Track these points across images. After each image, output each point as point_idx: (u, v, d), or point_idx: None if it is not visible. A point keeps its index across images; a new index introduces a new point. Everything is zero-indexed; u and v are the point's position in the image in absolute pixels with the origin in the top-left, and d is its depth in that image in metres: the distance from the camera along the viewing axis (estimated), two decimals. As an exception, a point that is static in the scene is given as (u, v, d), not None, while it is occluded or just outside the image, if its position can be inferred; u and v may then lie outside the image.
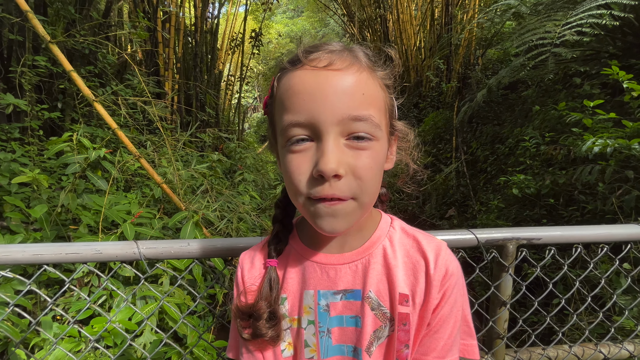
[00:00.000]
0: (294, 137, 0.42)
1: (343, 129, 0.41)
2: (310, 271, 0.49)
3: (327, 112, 0.40)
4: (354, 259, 0.48)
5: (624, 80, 2.22)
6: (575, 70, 3.42)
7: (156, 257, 0.65)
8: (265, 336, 0.47)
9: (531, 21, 3.43)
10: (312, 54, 0.42)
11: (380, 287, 0.47)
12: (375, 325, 0.47)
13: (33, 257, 0.60)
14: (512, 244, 0.75)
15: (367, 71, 0.43)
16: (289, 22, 19.43)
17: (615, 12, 2.66)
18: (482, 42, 5.79)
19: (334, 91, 0.40)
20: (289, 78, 0.43)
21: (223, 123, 6.19)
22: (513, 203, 2.96)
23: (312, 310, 0.49)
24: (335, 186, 0.40)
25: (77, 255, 0.62)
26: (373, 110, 0.42)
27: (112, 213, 1.59)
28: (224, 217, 1.93)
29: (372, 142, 0.42)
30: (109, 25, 3.56)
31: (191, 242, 0.66)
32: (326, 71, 0.41)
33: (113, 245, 0.64)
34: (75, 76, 1.65)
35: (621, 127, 2.23)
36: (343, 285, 0.48)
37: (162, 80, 4.47)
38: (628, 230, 0.78)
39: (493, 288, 0.79)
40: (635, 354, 0.86)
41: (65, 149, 1.74)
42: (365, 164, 0.41)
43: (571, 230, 0.78)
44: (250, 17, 8.43)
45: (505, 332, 0.80)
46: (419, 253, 0.48)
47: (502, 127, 4.07)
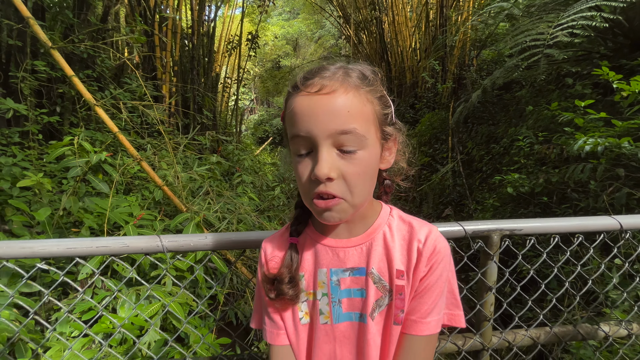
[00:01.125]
0: (296, 146, 0.54)
1: (334, 141, 0.51)
2: (322, 253, 0.60)
3: (319, 128, 0.50)
4: (359, 242, 0.59)
5: (614, 80, 2.28)
6: (567, 71, 3.48)
7: (177, 250, 0.72)
8: (287, 295, 0.58)
9: (524, 23, 3.49)
10: (308, 81, 0.52)
11: (380, 265, 0.58)
12: (377, 295, 0.58)
13: (67, 250, 0.65)
14: (496, 234, 0.83)
15: (353, 90, 0.52)
16: (285, 24, 19.48)
17: (605, 14, 2.72)
18: (476, 43, 5.87)
19: (323, 111, 0.50)
20: (292, 101, 0.54)
21: (220, 125, 6.21)
22: (508, 202, 3.01)
23: (325, 284, 0.60)
24: (329, 186, 0.51)
25: (106, 249, 0.67)
26: (358, 123, 0.51)
27: (115, 215, 1.61)
28: (224, 219, 1.96)
29: (359, 152, 0.52)
30: (106, 29, 3.58)
31: (208, 235, 0.73)
32: (316, 96, 0.51)
33: (138, 239, 0.70)
34: (77, 81, 1.67)
35: (612, 126, 2.29)
36: (350, 264, 0.59)
37: (160, 83, 4.49)
38: (600, 222, 0.87)
39: (480, 274, 0.87)
40: (610, 334, 0.92)
41: (67, 152, 1.76)
42: (353, 171, 0.51)
43: (549, 222, 0.86)
44: (246, 20, 8.46)
45: (491, 314, 0.89)
46: (413, 235, 0.59)
47: (497, 127, 4.13)
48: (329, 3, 8.97)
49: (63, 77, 2.85)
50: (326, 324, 0.59)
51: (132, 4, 4.27)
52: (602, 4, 2.75)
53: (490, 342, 0.89)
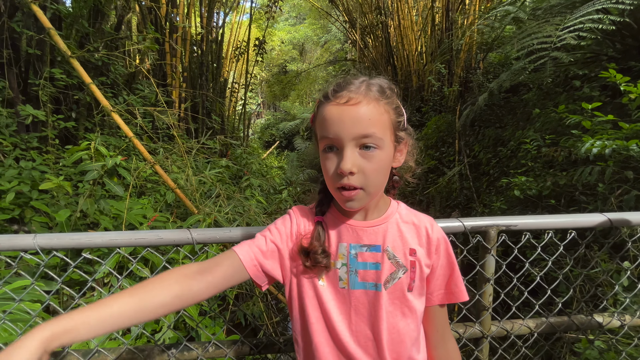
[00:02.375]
0: (326, 147, 0.66)
1: (357, 142, 0.63)
2: (344, 230, 0.71)
3: (346, 132, 0.62)
4: (376, 224, 0.71)
5: (621, 83, 2.28)
6: (574, 73, 3.47)
7: (205, 241, 0.79)
8: (322, 263, 0.68)
9: (530, 25, 3.49)
10: (337, 93, 0.64)
11: (395, 244, 0.70)
12: (391, 269, 0.69)
13: (110, 241, 0.71)
14: (493, 229, 0.89)
15: (374, 102, 0.64)
16: (292, 29, 19.68)
17: (613, 16, 2.72)
18: (482, 46, 5.87)
19: (349, 119, 0.62)
20: (323, 108, 0.66)
21: (228, 129, 6.31)
22: (515, 205, 3.00)
23: (345, 256, 0.70)
24: (351, 179, 0.63)
25: (143, 240, 0.73)
26: (376, 129, 0.63)
27: (130, 217, 1.67)
28: (234, 220, 2.01)
29: (377, 150, 0.63)
30: (120, 37, 3.70)
31: (232, 229, 0.81)
32: (344, 106, 0.63)
33: (171, 232, 0.77)
34: (94, 88, 1.74)
35: (620, 128, 2.28)
36: (368, 241, 0.70)
37: (170, 89, 4.60)
38: (591, 219, 0.92)
39: (478, 267, 0.93)
40: (604, 324, 0.94)
41: (84, 156, 1.83)
42: (370, 167, 0.63)
43: (543, 219, 0.92)
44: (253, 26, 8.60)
45: (490, 304, 0.94)
46: (420, 223, 0.73)
47: (504, 130, 4.12)
48: (334, 8, 9.06)
49: (79, 84, 2.95)
50: (344, 288, 0.69)
51: (143, 13, 4.40)
52: (610, 6, 2.75)
53: (489, 330, 0.95)
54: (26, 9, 2.38)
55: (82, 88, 2.98)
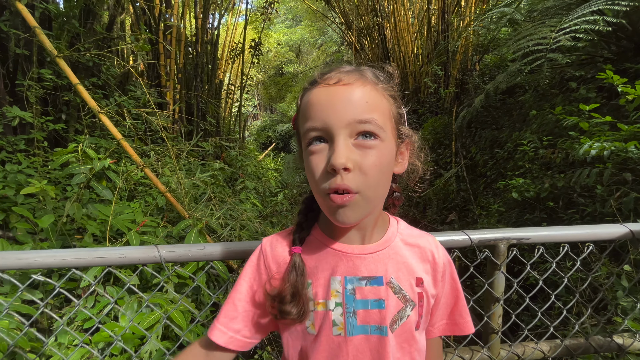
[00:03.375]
0: (312, 138, 0.51)
1: (351, 131, 0.49)
2: (335, 259, 0.57)
3: (336, 117, 0.49)
4: (376, 250, 0.57)
5: (619, 84, 2.26)
6: (571, 75, 3.46)
7: (175, 260, 0.70)
8: (291, 315, 0.54)
9: (526, 27, 3.49)
10: (326, 75, 0.52)
11: (399, 274, 0.57)
12: (398, 306, 0.56)
13: (63, 261, 0.64)
14: (503, 243, 0.81)
15: (370, 84, 0.52)
16: (288, 31, 19.69)
17: (609, 18, 2.71)
18: (478, 48, 5.88)
19: (340, 101, 0.49)
20: (308, 95, 0.53)
21: (224, 131, 6.25)
22: (513, 207, 2.97)
23: (339, 293, 0.55)
24: (346, 178, 0.48)
25: (103, 259, 0.65)
26: (376, 114, 0.50)
27: (118, 222, 1.61)
28: (227, 225, 1.95)
29: (377, 141, 0.50)
30: (112, 38, 3.64)
31: (207, 246, 0.71)
32: (335, 86, 0.50)
33: (136, 250, 0.68)
34: (81, 89, 1.69)
35: (618, 130, 2.26)
36: (367, 272, 0.56)
37: (164, 90, 4.54)
38: (610, 230, 0.84)
39: (487, 285, 0.84)
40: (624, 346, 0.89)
41: (71, 159, 1.77)
42: (370, 162, 0.49)
43: (558, 230, 0.83)
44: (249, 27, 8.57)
45: (499, 327, 0.85)
46: (426, 246, 0.61)
47: (501, 132, 4.11)
48: (331, 10, 9.06)
49: (69, 85, 2.89)
50: (339, 335, 0.55)
51: (137, 13, 4.34)
52: (605, 7, 2.74)
53: (498, 355, 0.86)
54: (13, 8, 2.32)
55: (73, 89, 2.91)
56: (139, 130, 2.83)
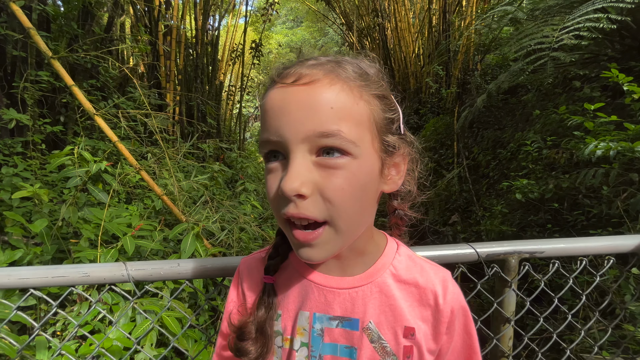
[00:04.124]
0: (266, 153, 0.42)
1: (311, 146, 0.38)
2: (307, 291, 0.47)
3: (292, 129, 0.38)
4: (355, 284, 0.46)
5: (624, 82, 2.22)
6: (574, 74, 3.42)
7: (145, 279, 0.63)
8: (249, 354, 0.45)
9: (528, 26, 3.45)
10: (285, 71, 0.41)
11: (382, 318, 0.45)
12: (373, 359, 0.45)
13: (19, 281, 0.58)
14: (514, 258, 0.72)
15: (341, 82, 0.39)
16: (289, 32, 19.71)
17: (613, 16, 2.67)
18: (480, 47, 5.83)
19: (297, 107, 0.38)
20: (265, 97, 0.42)
21: (224, 133, 6.23)
22: (517, 208, 2.93)
23: (306, 332, 0.47)
24: (302, 206, 0.38)
25: (64, 279, 0.60)
26: (344, 124, 0.38)
27: (112, 226, 1.58)
28: (225, 228, 1.92)
29: (346, 158, 0.39)
30: (111, 39, 3.62)
31: (181, 262, 0.65)
32: (293, 87, 0.39)
33: (101, 267, 0.63)
34: (77, 90, 1.66)
35: (623, 129, 2.22)
36: (340, 312, 0.46)
37: (164, 92, 4.52)
38: (634, 241, 0.75)
39: (496, 304, 0.76)
40: None
41: (67, 162, 1.74)
42: (335, 185, 0.38)
43: (575, 242, 0.75)
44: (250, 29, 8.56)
45: (510, 350, 0.77)
46: (427, 285, 0.47)
47: (503, 132, 4.06)
48: (331, 11, 9.04)
49: (67, 87, 2.87)
50: None
51: (137, 15, 4.33)
52: (609, 5, 2.70)
53: None
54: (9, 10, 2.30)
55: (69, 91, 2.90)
56: (137, 132, 2.81)
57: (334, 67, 0.40)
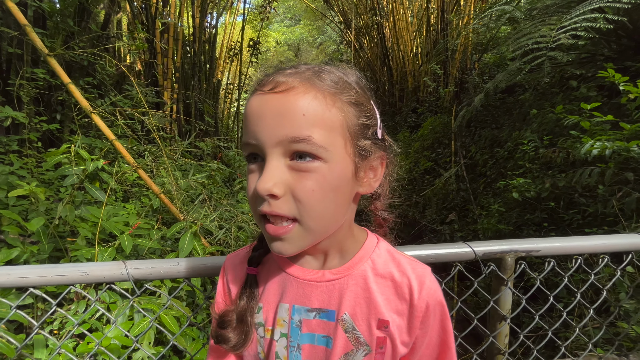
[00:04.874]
0: (247, 155, 0.46)
1: (285, 150, 0.42)
2: (287, 284, 0.50)
3: (266, 133, 0.42)
4: (332, 277, 0.49)
5: (620, 82, 2.23)
6: (571, 74, 3.43)
7: (145, 278, 0.64)
8: (229, 342, 0.48)
9: (526, 26, 3.46)
10: (265, 79, 0.44)
11: (357, 310, 0.48)
12: (347, 348, 0.47)
13: (18, 280, 0.58)
14: (510, 256, 0.74)
15: (314, 91, 0.42)
16: (287, 30, 19.64)
17: (609, 16, 2.68)
18: (478, 47, 5.84)
19: (271, 113, 0.42)
20: (247, 103, 0.46)
21: (222, 131, 6.21)
22: (514, 207, 2.95)
23: (285, 323, 0.50)
24: (274, 204, 0.42)
25: (63, 278, 0.61)
26: (316, 130, 0.41)
27: (110, 224, 1.58)
28: (223, 227, 1.92)
29: (317, 162, 0.42)
30: (107, 36, 3.60)
31: (180, 261, 0.65)
32: (269, 94, 0.42)
33: (100, 266, 0.63)
34: (73, 88, 1.65)
35: (619, 129, 2.23)
36: (317, 304, 0.49)
37: (161, 90, 4.50)
38: (628, 240, 0.77)
39: (492, 302, 0.77)
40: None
41: (63, 160, 1.73)
42: (305, 187, 0.41)
43: (570, 241, 0.77)
44: (248, 26, 8.53)
45: (506, 347, 0.78)
46: (403, 280, 0.49)
47: (501, 131, 4.08)
48: (330, 9, 9.02)
49: (63, 85, 2.85)
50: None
51: (133, 12, 4.30)
52: (605, 5, 2.71)
53: None
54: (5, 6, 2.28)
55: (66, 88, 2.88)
56: (134, 130, 2.79)
57: (310, 76, 0.43)
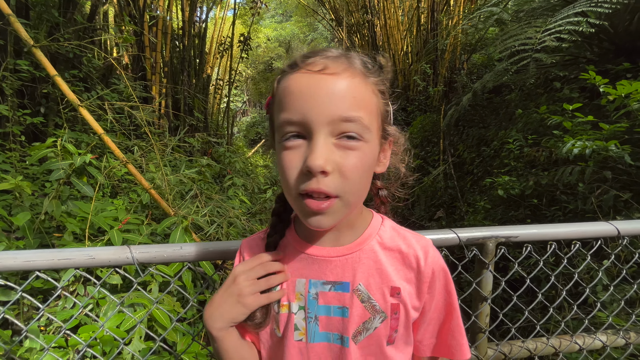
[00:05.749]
0: (287, 133, 0.46)
1: (333, 129, 0.44)
2: (303, 262, 0.54)
3: (319, 112, 0.43)
4: (345, 252, 0.52)
5: (601, 84, 2.32)
6: (555, 75, 3.54)
7: (149, 262, 0.66)
8: (255, 319, 0.52)
9: (513, 27, 3.54)
10: (309, 59, 0.46)
11: (370, 281, 0.52)
12: (364, 317, 0.51)
13: (25, 263, 0.59)
14: (491, 242, 0.80)
15: (360, 77, 0.46)
16: (278, 26, 19.48)
17: (592, 20, 2.78)
18: (466, 47, 5.94)
19: (325, 93, 0.44)
20: (286, 80, 0.47)
21: (212, 127, 6.14)
22: (499, 204, 3.03)
23: (302, 297, 0.53)
24: (322, 182, 0.44)
25: (69, 261, 0.61)
26: (363, 112, 0.45)
27: (99, 220, 1.56)
28: (214, 222, 1.92)
29: (360, 142, 0.45)
30: (94, 29, 3.51)
31: (184, 246, 0.67)
32: (320, 75, 0.44)
33: (106, 251, 0.64)
34: (60, 81, 1.62)
35: (599, 129, 2.32)
36: (332, 277, 0.52)
37: (150, 84, 4.42)
38: (597, 227, 0.85)
39: (475, 284, 0.83)
40: (608, 343, 0.92)
41: (49, 154, 1.70)
42: (352, 164, 0.44)
43: (545, 228, 0.83)
44: (238, 22, 8.42)
45: (487, 326, 0.84)
46: (409, 251, 0.53)
47: (487, 130, 4.18)
48: (321, 6, 9.00)
49: (47, 77, 2.77)
50: (301, 341, 0.52)
51: (121, 4, 4.20)
52: (588, 10, 2.80)
53: (485, 354, 0.85)
54: (-14, -6, 2.20)
55: (52, 81, 2.81)
56: (122, 125, 2.74)
57: (349, 61, 0.47)
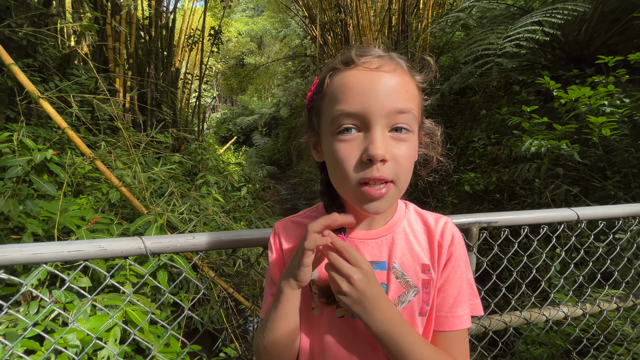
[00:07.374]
0: (343, 125, 0.50)
1: (389, 121, 0.50)
2: None
3: (378, 105, 0.49)
4: (380, 235, 0.58)
5: (554, 89, 2.54)
6: (514, 79, 3.80)
7: (162, 251, 0.66)
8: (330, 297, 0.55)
9: (477, 33, 3.76)
10: (364, 57, 0.51)
11: (403, 259, 0.58)
12: (399, 291, 0.57)
13: (32, 256, 0.57)
14: (475, 227, 0.91)
15: (408, 74, 0.53)
16: (249, 20, 19.07)
17: (546, 29, 3.02)
18: (435, 49, 6.20)
19: (384, 89, 0.49)
20: (342, 76, 0.52)
21: (181, 123, 5.91)
22: (465, 199, 3.22)
23: None
24: (382, 169, 0.49)
25: (79, 253, 0.59)
26: (413, 105, 0.51)
27: (65, 219, 1.46)
28: (190, 220, 1.87)
29: (409, 134, 0.51)
30: (50, 15, 3.24)
31: (196, 235, 0.68)
32: (377, 72, 0.50)
33: (117, 242, 0.63)
34: (17, 70, 1.49)
35: (553, 129, 2.55)
36: (370, 257, 0.57)
37: (113, 76, 4.16)
38: (563, 213, 1.00)
39: None
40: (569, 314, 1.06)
41: (4, 150, 1.57)
42: (404, 153, 0.51)
43: (520, 214, 0.97)
44: (208, 14, 8.14)
45: None
46: (432, 229, 0.60)
47: (454, 130, 4.40)
48: (294, 2, 8.95)
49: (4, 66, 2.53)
50: (342, 317, 0.57)
51: (80, -11, 3.91)
52: (544, 19, 3.04)
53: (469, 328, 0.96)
54: None
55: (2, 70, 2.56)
56: (86, 119, 2.57)
57: (397, 61, 0.53)
